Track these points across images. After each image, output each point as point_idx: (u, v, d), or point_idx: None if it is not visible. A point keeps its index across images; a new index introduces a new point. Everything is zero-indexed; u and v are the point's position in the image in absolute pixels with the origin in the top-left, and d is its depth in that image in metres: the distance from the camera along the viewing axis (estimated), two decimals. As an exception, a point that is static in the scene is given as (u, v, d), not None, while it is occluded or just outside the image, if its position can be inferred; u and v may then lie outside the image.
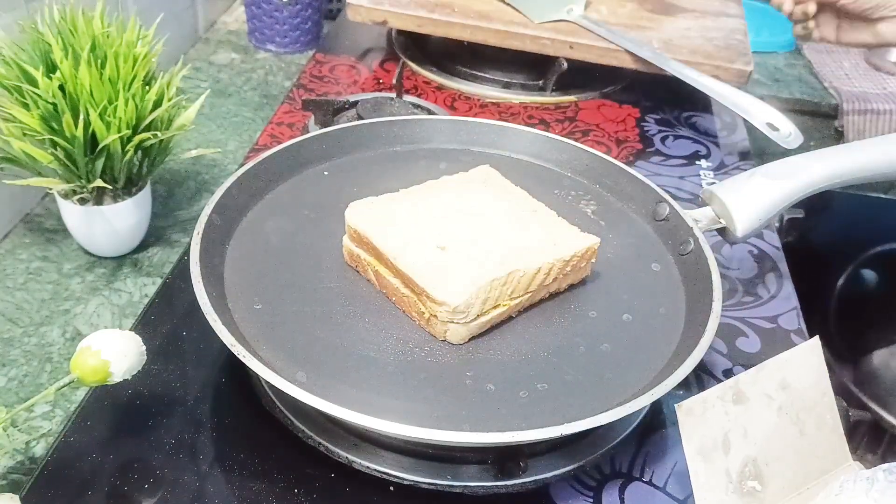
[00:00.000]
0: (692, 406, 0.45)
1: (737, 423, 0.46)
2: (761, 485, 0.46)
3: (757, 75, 1.11)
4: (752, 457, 0.46)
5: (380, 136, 0.70)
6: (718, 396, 0.46)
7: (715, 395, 0.46)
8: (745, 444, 0.46)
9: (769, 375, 0.47)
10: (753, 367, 0.47)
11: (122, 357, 0.44)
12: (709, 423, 0.45)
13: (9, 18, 0.65)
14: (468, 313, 0.50)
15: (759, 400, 0.46)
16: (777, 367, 0.47)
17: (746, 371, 0.47)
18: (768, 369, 0.47)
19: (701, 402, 0.45)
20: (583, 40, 0.89)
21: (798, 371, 0.48)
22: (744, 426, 0.46)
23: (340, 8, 1.13)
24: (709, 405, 0.45)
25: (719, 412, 0.46)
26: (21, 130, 0.57)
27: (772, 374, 0.47)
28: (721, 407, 0.46)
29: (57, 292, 0.62)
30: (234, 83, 0.95)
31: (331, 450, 0.48)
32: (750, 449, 0.46)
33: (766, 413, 0.46)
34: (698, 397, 0.45)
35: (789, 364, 0.47)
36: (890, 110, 1.07)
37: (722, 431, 0.45)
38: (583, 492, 0.49)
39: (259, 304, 0.52)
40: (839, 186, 0.62)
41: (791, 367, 0.47)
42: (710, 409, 0.45)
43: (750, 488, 0.45)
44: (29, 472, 0.48)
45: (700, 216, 0.61)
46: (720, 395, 0.46)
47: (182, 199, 0.74)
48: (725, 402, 0.46)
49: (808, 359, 0.48)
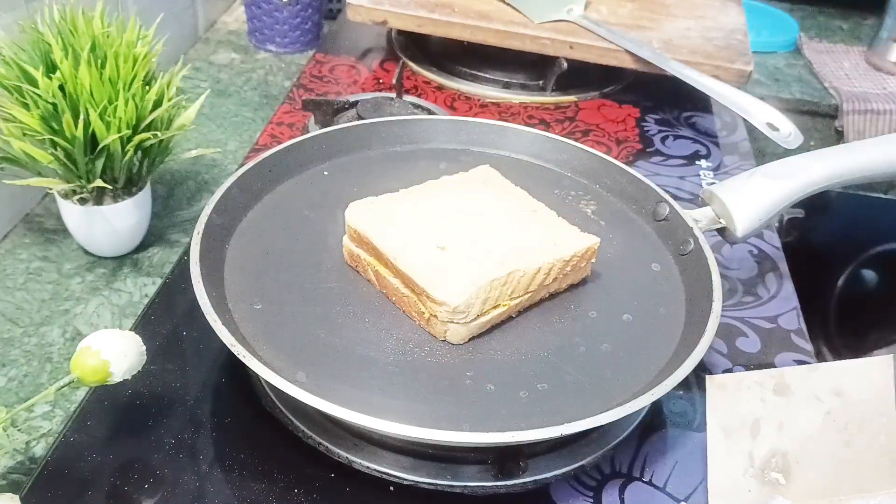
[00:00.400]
0: (725, 381, 0.45)
1: (773, 412, 0.45)
2: (786, 479, 0.45)
3: (757, 75, 1.11)
4: (783, 450, 0.45)
5: (380, 136, 0.70)
6: (757, 381, 0.45)
7: (753, 379, 0.45)
8: (779, 436, 0.45)
9: (823, 378, 0.46)
10: (806, 366, 0.46)
11: (122, 357, 0.44)
12: (740, 404, 0.45)
13: (9, 18, 0.65)
14: (468, 313, 0.50)
15: (805, 398, 0.46)
16: (835, 372, 0.46)
17: (797, 367, 0.46)
18: (823, 371, 0.46)
19: (736, 381, 0.45)
20: (583, 40, 0.89)
21: (859, 382, 0.47)
22: (780, 418, 0.45)
23: (340, 8, 1.13)
24: (743, 386, 0.45)
25: (754, 396, 0.45)
26: (21, 130, 0.57)
27: (826, 378, 0.46)
28: (758, 392, 0.45)
29: (57, 292, 0.62)
30: (234, 83, 0.95)
31: (331, 450, 0.48)
32: (782, 442, 0.45)
33: (810, 413, 0.46)
34: (733, 375, 0.45)
35: (850, 373, 0.47)
36: (890, 110, 1.07)
37: (753, 415, 0.45)
38: (583, 492, 0.49)
39: (259, 304, 0.52)
40: (839, 186, 0.62)
41: (851, 377, 0.47)
42: (745, 391, 0.45)
43: (773, 479, 0.45)
44: (29, 472, 0.48)
45: (700, 216, 0.61)
46: (759, 380, 0.45)
47: (182, 199, 0.74)
48: (764, 390, 0.45)
49: (875, 374, 0.47)
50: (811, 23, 1.33)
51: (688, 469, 0.50)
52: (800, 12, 1.34)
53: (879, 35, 1.18)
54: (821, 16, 1.36)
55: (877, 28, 1.19)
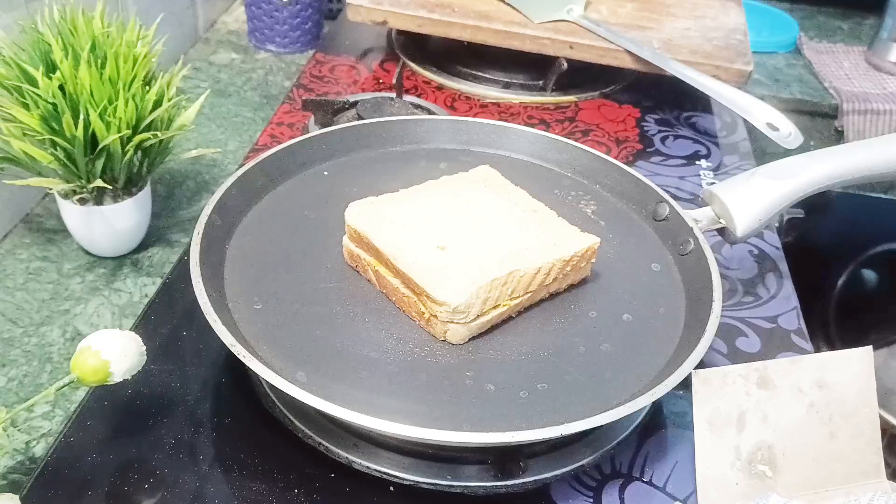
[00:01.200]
0: (710, 376, 0.45)
1: (758, 406, 0.45)
2: (773, 471, 0.45)
3: (757, 75, 1.11)
4: (769, 443, 0.45)
5: (380, 136, 0.70)
6: (741, 375, 0.45)
7: (737, 373, 0.45)
8: (764, 429, 0.45)
9: (805, 370, 0.46)
10: (787, 358, 0.46)
11: (122, 357, 0.44)
12: (725, 398, 0.45)
13: (9, 18, 0.65)
14: (468, 313, 0.50)
15: (788, 391, 0.46)
16: (816, 364, 0.46)
17: (778, 359, 0.46)
18: (805, 364, 0.46)
19: (721, 375, 0.45)
20: (583, 40, 0.89)
21: (841, 375, 0.47)
22: (765, 411, 0.45)
23: (340, 8, 1.13)
24: (728, 380, 0.45)
25: (739, 390, 0.45)
26: (21, 130, 0.57)
27: (808, 370, 0.46)
28: (742, 386, 0.45)
29: (57, 292, 0.62)
30: (234, 83, 0.95)
31: (331, 450, 0.48)
32: (767, 434, 0.45)
33: (794, 406, 0.46)
34: (718, 369, 0.45)
35: (832, 365, 0.47)
36: (890, 110, 1.07)
37: (738, 409, 0.45)
38: (583, 492, 0.49)
39: (259, 304, 0.52)
40: (839, 186, 0.62)
41: (833, 369, 0.47)
42: (730, 385, 0.45)
43: (760, 472, 0.45)
44: (29, 472, 0.48)
45: (700, 216, 0.61)
46: (743, 373, 0.45)
47: (182, 199, 0.74)
48: (748, 383, 0.45)
49: (856, 366, 0.47)
50: (811, 23, 1.33)
51: (688, 469, 0.50)
52: (800, 12, 1.34)
53: (879, 35, 1.18)
54: (821, 16, 1.36)
55: (877, 28, 1.19)
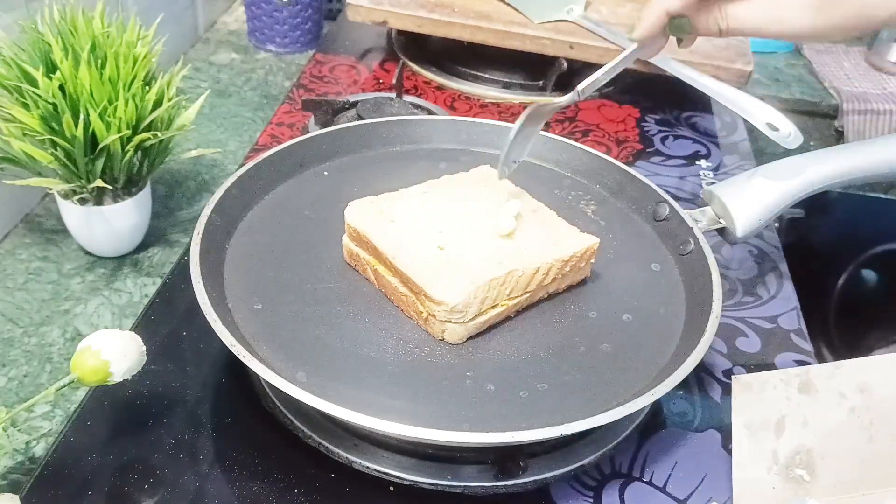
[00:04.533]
0: (751, 381, 0.45)
1: (798, 410, 0.45)
2: (810, 476, 0.45)
3: (757, 75, 1.11)
4: (808, 447, 0.45)
5: (380, 136, 0.70)
6: (782, 380, 0.45)
7: (778, 378, 0.45)
8: (803, 433, 0.45)
9: (848, 375, 0.46)
10: (831, 363, 0.46)
11: (122, 357, 0.44)
12: (765, 403, 0.45)
13: (9, 18, 0.65)
14: (466, 313, 0.50)
15: (829, 395, 0.46)
16: (859, 368, 0.46)
17: (822, 364, 0.46)
18: (848, 368, 0.46)
19: (761, 381, 0.45)
20: (583, 40, 0.89)
21: (884, 379, 0.47)
22: (805, 416, 0.45)
23: (340, 8, 1.13)
24: (769, 385, 0.45)
25: (780, 395, 0.45)
26: (21, 130, 0.57)
27: (851, 375, 0.46)
28: (783, 391, 0.45)
29: (57, 292, 0.62)
30: (234, 83, 0.95)
31: (331, 450, 0.48)
32: (806, 439, 0.45)
33: (834, 410, 0.46)
34: (758, 374, 0.45)
35: (875, 369, 0.47)
36: (890, 110, 1.07)
37: (778, 414, 0.45)
38: (583, 492, 0.49)
39: (259, 304, 0.52)
40: (839, 186, 0.62)
41: (876, 373, 0.47)
42: (770, 390, 0.45)
43: (797, 476, 0.45)
44: (29, 472, 0.48)
45: (700, 216, 0.61)
46: (784, 378, 0.45)
47: (182, 199, 0.74)
48: (789, 388, 0.45)
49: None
50: (811, 23, 1.32)
51: (688, 469, 0.50)
52: (800, 12, 1.34)
53: (879, 35, 1.18)
54: (821, 16, 1.36)
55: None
